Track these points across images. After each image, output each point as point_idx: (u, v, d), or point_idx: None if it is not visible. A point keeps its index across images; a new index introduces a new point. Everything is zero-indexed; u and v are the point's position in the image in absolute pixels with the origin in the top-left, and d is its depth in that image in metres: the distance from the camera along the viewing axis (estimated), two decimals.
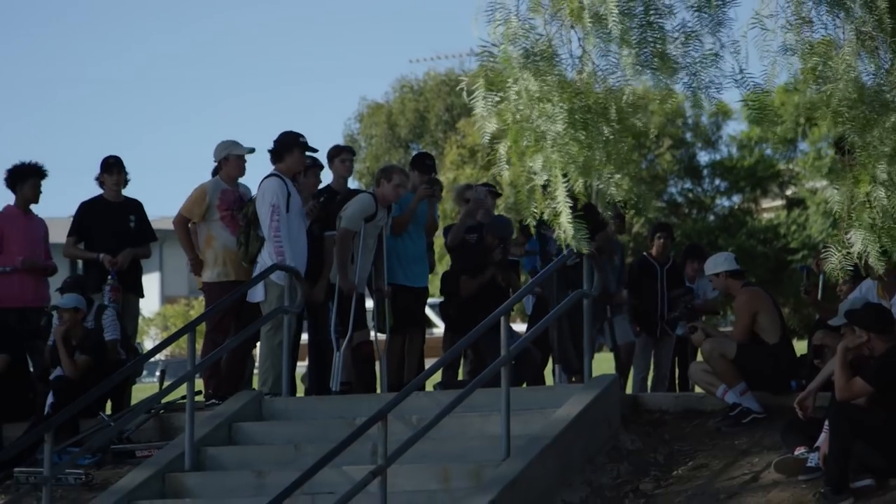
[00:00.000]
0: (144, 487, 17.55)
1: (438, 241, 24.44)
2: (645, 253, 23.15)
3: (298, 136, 20.54)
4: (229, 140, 20.91)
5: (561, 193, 13.42)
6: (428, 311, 22.75)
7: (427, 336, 22.39)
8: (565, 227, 13.68)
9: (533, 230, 17.22)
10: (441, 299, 22.53)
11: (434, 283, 24.20)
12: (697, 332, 18.93)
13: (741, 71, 14.26)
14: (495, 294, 20.86)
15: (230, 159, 20.78)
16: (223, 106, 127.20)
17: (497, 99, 13.70)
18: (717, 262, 19.02)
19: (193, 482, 17.74)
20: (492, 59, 13.88)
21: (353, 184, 22.69)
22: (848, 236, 13.66)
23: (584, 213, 14.25)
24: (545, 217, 14.23)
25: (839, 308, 17.40)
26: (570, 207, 13.60)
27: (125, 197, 21.65)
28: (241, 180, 20.96)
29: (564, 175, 13.51)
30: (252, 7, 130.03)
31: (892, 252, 13.72)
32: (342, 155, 21.29)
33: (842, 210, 13.88)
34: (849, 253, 13.71)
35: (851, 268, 14.63)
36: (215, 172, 20.85)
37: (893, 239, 13.54)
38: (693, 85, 14.20)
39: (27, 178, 21.47)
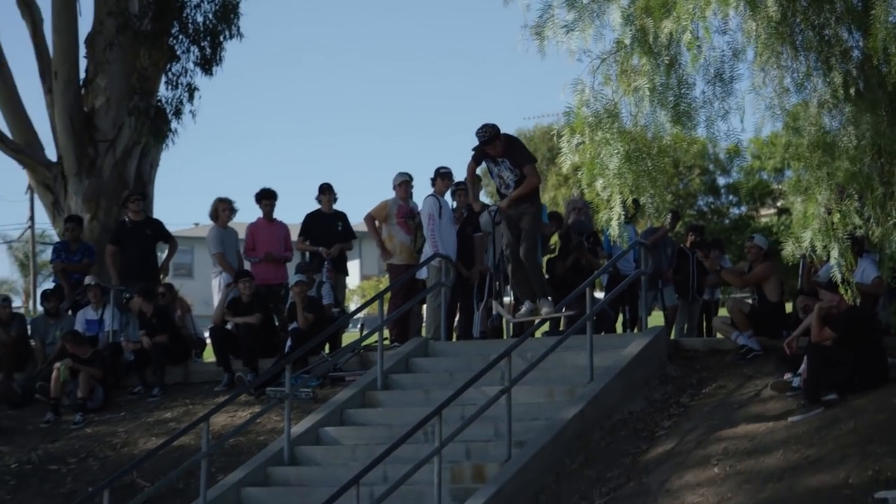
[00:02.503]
0: (351, 400, 17.89)
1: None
2: (681, 245, 23.09)
3: (441, 170, 21.02)
4: (402, 172, 21.38)
5: (616, 206, 13.87)
6: None
7: None
8: (614, 228, 14.10)
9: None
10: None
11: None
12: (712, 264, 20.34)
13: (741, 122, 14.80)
14: (582, 271, 20.81)
15: (401, 185, 21.29)
16: (394, 146, 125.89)
17: (577, 142, 14.19)
18: (762, 240, 19.41)
19: (383, 397, 18.06)
20: (572, 116, 14.35)
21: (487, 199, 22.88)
22: (802, 234, 14.05)
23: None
24: (601, 224, 14.87)
25: (820, 275, 17.74)
26: (622, 215, 14.10)
27: (335, 210, 21.84)
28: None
29: (620, 193, 13.98)
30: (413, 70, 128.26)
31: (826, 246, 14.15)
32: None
33: (798, 219, 14.30)
34: (799, 245, 14.11)
35: (800, 255, 15.13)
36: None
37: (827, 238, 13.92)
38: (710, 133, 14.61)
39: (262, 199, 21.82)
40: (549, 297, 16.73)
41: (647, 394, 17.45)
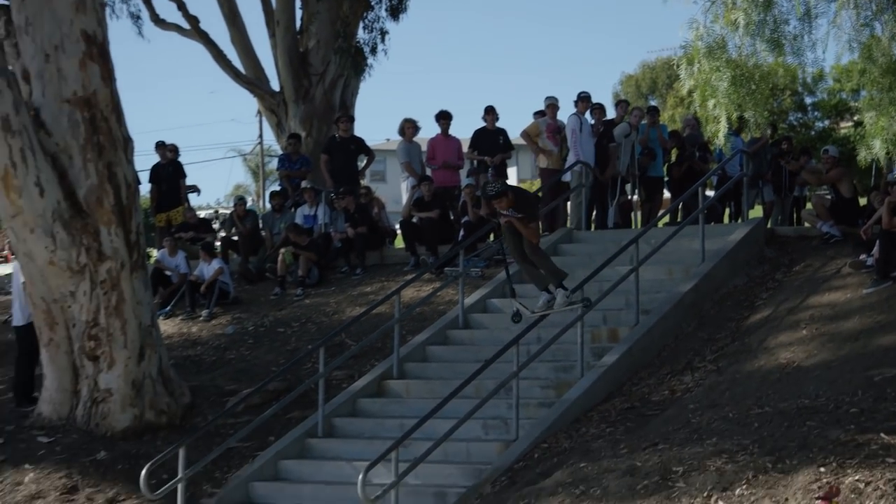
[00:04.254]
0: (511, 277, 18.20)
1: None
2: (776, 151, 22.83)
3: (581, 94, 20.84)
4: (549, 95, 21.27)
5: (723, 121, 13.73)
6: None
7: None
8: (721, 139, 13.96)
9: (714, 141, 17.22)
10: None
11: None
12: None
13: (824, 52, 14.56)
14: (695, 175, 20.50)
15: (549, 107, 20.99)
16: (542, 75, 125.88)
17: (693, 70, 14.05)
18: (834, 150, 19.22)
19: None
20: (689, 49, 14.22)
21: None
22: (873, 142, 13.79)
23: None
24: (711, 136, 14.63)
25: (893, 174, 17.45)
26: (728, 128, 13.93)
27: (497, 127, 21.64)
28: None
29: (727, 111, 13.83)
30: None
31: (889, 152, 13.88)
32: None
33: (871, 131, 14.02)
34: (871, 151, 13.85)
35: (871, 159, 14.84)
36: (542, 114, 21.43)
37: (893, 146, 13.65)
38: (800, 61, 14.39)
39: (439, 118, 21.61)
40: (565, 287, 14.14)
41: (748, 271, 17.39)
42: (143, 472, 12.76)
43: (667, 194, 22.79)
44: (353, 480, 11.62)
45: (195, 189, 24.21)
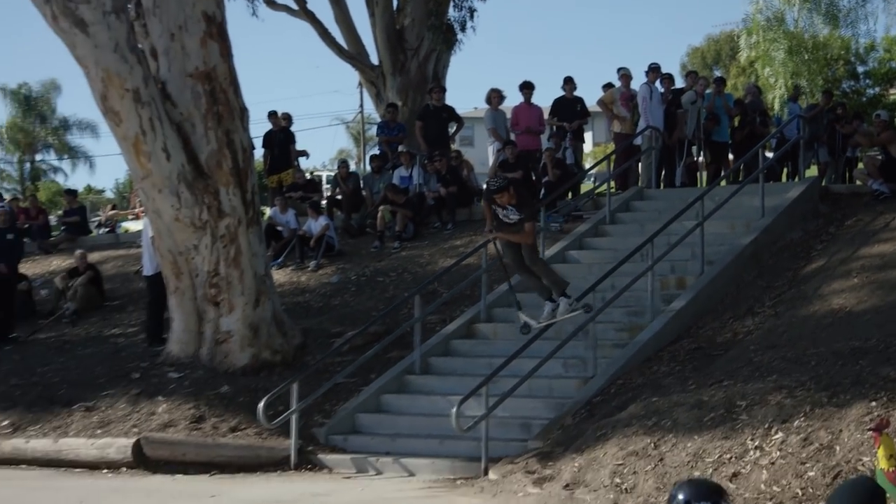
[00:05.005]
0: (587, 231, 17.95)
1: None
2: (832, 116, 22.51)
3: (652, 65, 20.63)
4: (622, 66, 21.20)
5: (780, 88, 13.66)
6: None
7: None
8: (778, 106, 13.86)
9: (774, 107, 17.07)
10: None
11: None
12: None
13: (875, 24, 14.31)
14: (756, 138, 20.21)
15: (623, 77, 20.92)
16: (615, 47, 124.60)
17: (752, 41, 13.94)
18: (885, 114, 18.98)
19: (610, 229, 18.08)
20: (749, 22, 14.10)
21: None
22: None
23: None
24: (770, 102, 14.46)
25: None
26: (785, 95, 13.80)
27: (575, 96, 21.51)
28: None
29: (784, 79, 13.72)
30: None
31: None
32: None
33: None
34: None
35: None
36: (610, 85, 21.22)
37: None
38: (853, 32, 14.21)
39: (523, 88, 21.36)
40: (567, 295, 13.46)
41: (804, 225, 17.19)
42: (261, 404, 12.94)
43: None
44: (447, 413, 11.70)
45: (304, 153, 24.34)
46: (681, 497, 3.94)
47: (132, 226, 30.63)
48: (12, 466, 13.72)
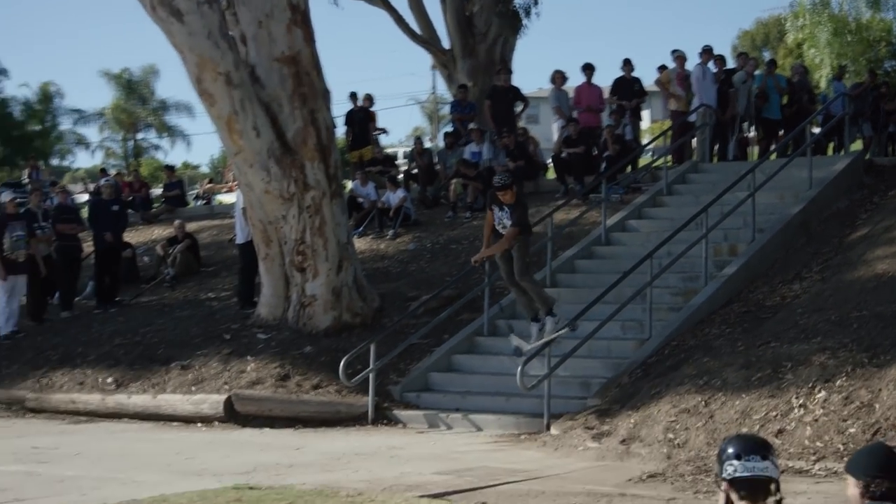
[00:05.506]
0: (646, 202, 17.80)
1: None
2: (876, 94, 22.08)
3: (705, 47, 20.42)
4: (675, 49, 21.05)
5: (826, 68, 13.45)
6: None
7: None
8: (824, 84, 13.66)
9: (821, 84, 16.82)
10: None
11: None
12: None
13: None
14: (804, 115, 19.89)
15: (678, 58, 20.70)
16: (670, 30, 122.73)
17: (799, 24, 13.74)
18: None
19: (667, 200, 17.88)
20: (796, 6, 13.91)
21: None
22: None
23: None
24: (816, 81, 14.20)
25: None
26: (830, 74, 13.61)
27: (633, 76, 21.30)
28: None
29: (829, 59, 13.51)
30: None
31: None
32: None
33: None
34: None
35: None
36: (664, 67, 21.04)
37: None
38: (894, 16, 13.98)
39: (584, 69, 21.16)
40: (553, 314, 12.64)
41: (849, 196, 16.98)
42: (342, 363, 13.08)
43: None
44: (513, 372, 11.75)
45: (383, 131, 24.45)
46: (730, 451, 3.98)
47: (226, 198, 31.02)
48: (116, 420, 14.01)
